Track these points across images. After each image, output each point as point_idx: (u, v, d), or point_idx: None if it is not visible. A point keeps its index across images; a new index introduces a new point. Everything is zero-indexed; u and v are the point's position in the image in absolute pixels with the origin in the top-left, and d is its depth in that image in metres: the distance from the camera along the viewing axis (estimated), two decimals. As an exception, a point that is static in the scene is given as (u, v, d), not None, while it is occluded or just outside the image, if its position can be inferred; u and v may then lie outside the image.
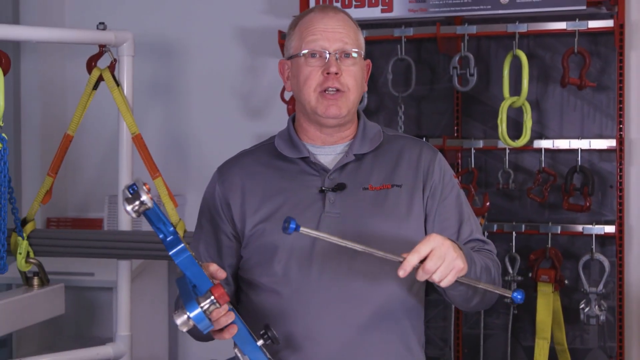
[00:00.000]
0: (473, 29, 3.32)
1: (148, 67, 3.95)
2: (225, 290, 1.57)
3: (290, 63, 1.95)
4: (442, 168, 1.97)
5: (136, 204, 1.52)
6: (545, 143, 3.37)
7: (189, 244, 1.67)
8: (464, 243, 1.89)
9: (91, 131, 3.96)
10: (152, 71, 4.01)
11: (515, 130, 3.37)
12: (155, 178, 3.15)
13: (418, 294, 1.94)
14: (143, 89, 3.73)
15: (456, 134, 3.55)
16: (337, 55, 1.89)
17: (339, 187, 1.89)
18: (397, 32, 3.39)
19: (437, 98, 3.62)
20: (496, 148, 3.42)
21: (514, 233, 3.42)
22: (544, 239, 3.37)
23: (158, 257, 3.30)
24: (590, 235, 3.32)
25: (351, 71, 1.90)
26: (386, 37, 3.44)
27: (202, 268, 1.61)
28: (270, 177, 1.94)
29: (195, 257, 1.60)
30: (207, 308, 1.55)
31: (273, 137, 2.01)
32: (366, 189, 1.91)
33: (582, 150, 3.35)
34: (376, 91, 3.63)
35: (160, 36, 4.02)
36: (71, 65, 4.13)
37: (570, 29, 3.24)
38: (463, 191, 2.02)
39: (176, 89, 4.07)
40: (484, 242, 1.96)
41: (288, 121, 2.01)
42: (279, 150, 1.96)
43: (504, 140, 3.25)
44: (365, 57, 1.96)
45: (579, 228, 3.34)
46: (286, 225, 1.64)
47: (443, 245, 1.67)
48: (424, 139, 2.96)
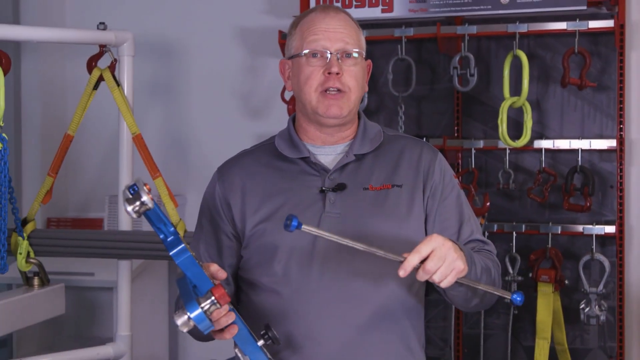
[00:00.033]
0: (473, 29, 3.32)
1: (148, 67, 3.95)
2: (225, 290, 1.57)
3: (291, 63, 1.95)
4: (443, 168, 1.97)
5: (137, 205, 1.52)
6: (545, 143, 3.37)
7: (189, 244, 1.67)
8: (464, 243, 1.89)
9: (91, 131, 3.96)
10: (153, 71, 4.01)
11: (515, 130, 3.37)
12: (155, 178, 3.15)
13: (418, 294, 1.94)
14: (143, 89, 3.73)
15: (456, 134, 3.55)
16: (339, 55, 1.89)
17: (340, 187, 1.89)
18: (398, 32, 3.39)
19: (438, 98, 3.61)
20: (496, 148, 3.42)
21: (514, 233, 3.41)
22: (544, 239, 3.37)
23: (158, 257, 3.30)
24: (590, 235, 3.32)
25: (352, 71, 1.90)
26: (386, 37, 3.44)
27: (203, 268, 1.61)
28: (270, 177, 1.94)
29: (195, 258, 1.60)
30: (208, 308, 1.55)
31: (273, 137, 2.01)
32: (366, 189, 1.90)
33: (583, 150, 3.35)
34: (376, 91, 3.62)
35: (160, 36, 4.02)
36: (71, 65, 4.13)
37: (570, 29, 3.24)
38: (463, 191, 2.02)
39: (176, 89, 4.07)
40: (484, 243, 1.96)
41: (288, 121, 2.01)
42: (279, 150, 1.95)
43: (505, 140, 3.25)
44: (365, 58, 1.96)
45: (579, 228, 3.34)
46: (288, 222, 1.63)
47: (444, 245, 1.67)
48: (425, 139, 2.95)
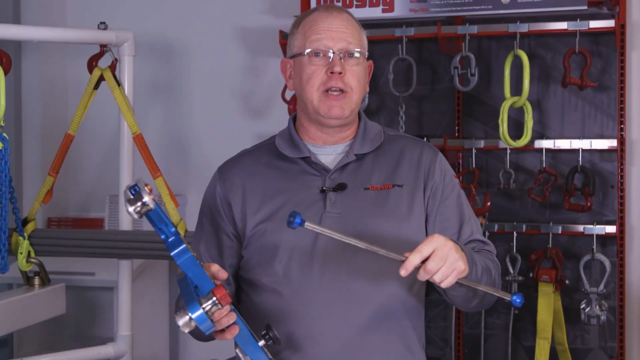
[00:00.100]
0: (474, 29, 3.31)
1: (149, 67, 3.95)
2: (227, 290, 1.57)
3: (293, 62, 1.95)
4: (443, 168, 1.97)
5: (138, 205, 1.51)
6: (546, 143, 3.37)
7: (190, 244, 1.67)
8: (465, 243, 1.89)
9: (92, 131, 3.96)
10: (153, 71, 4.01)
11: (516, 130, 3.36)
12: (156, 178, 3.15)
13: (418, 294, 1.94)
14: (144, 89, 3.73)
15: (457, 134, 3.55)
16: (341, 55, 1.88)
17: (340, 187, 1.89)
18: (398, 32, 3.39)
19: (438, 98, 3.61)
20: (497, 148, 3.42)
21: (515, 233, 3.41)
22: (545, 239, 3.37)
23: (159, 257, 3.30)
24: (591, 235, 3.32)
25: (354, 71, 1.90)
26: (387, 37, 3.44)
27: (204, 269, 1.60)
28: (271, 177, 1.94)
29: (196, 258, 1.59)
30: (209, 309, 1.55)
31: (274, 137, 2.01)
32: (367, 189, 1.90)
33: (583, 150, 3.35)
34: (377, 91, 3.62)
35: (161, 36, 4.02)
36: (72, 65, 4.13)
37: (571, 29, 3.24)
38: (463, 191, 2.02)
39: (177, 89, 4.07)
40: (484, 243, 1.96)
41: (289, 121, 2.00)
42: (280, 150, 1.95)
43: (505, 140, 3.25)
44: (367, 58, 1.96)
45: (580, 228, 3.34)
46: (291, 219, 1.63)
47: (445, 246, 1.67)
48: (425, 139, 2.95)
